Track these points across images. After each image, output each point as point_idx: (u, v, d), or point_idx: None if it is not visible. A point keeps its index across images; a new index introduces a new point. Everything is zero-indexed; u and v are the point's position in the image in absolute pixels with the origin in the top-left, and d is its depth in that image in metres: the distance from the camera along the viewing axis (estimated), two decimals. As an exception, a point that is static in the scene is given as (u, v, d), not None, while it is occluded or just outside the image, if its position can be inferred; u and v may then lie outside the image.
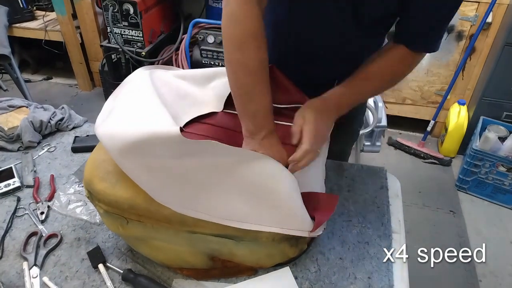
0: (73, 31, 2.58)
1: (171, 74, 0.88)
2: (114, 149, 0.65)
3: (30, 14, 2.61)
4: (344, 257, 0.82)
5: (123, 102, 0.75)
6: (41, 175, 1.02)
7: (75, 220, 0.89)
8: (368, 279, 0.78)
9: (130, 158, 0.65)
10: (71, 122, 1.20)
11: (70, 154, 1.10)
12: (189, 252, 0.76)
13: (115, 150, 0.65)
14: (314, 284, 0.77)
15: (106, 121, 0.71)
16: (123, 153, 0.64)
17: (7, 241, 0.85)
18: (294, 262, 0.80)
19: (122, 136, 0.64)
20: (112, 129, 0.67)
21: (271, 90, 0.75)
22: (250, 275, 0.78)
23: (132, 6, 2.22)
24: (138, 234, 0.74)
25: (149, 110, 0.71)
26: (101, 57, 2.57)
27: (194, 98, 0.88)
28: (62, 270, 0.79)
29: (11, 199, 0.95)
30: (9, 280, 0.77)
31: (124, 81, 0.83)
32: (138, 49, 2.36)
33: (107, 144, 0.66)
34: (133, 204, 0.68)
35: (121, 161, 0.66)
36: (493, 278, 1.66)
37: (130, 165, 0.66)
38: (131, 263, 0.81)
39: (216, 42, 2.41)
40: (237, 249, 0.74)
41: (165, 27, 2.56)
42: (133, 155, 0.64)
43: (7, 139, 1.10)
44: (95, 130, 0.71)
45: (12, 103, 1.19)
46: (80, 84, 2.89)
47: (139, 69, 0.86)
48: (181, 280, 0.77)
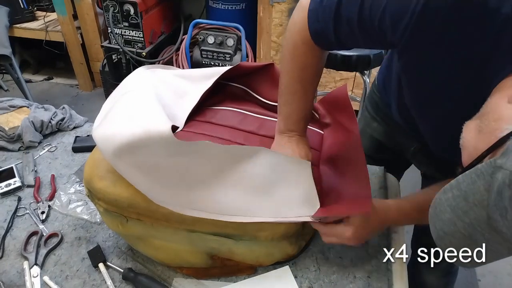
0: (73, 32, 2.59)
1: (170, 73, 0.88)
2: (108, 151, 0.65)
3: (30, 14, 2.62)
4: (344, 256, 0.82)
5: (120, 104, 0.75)
6: (42, 175, 1.02)
7: (76, 219, 0.89)
8: (367, 278, 0.78)
9: (124, 159, 0.64)
10: (72, 122, 1.20)
11: (70, 154, 1.10)
12: (188, 250, 0.76)
13: (109, 152, 0.65)
14: (314, 283, 0.77)
15: (102, 124, 0.71)
16: (117, 155, 0.64)
17: (8, 240, 0.85)
18: (294, 261, 0.80)
19: (115, 138, 0.63)
20: (106, 131, 0.67)
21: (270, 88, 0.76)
22: (250, 274, 0.78)
23: (133, 6, 2.22)
24: (138, 233, 0.74)
25: (144, 111, 0.71)
26: (101, 58, 2.58)
27: (193, 97, 0.88)
28: (62, 270, 0.79)
29: (12, 198, 0.95)
30: (10, 280, 0.77)
31: (124, 81, 0.83)
32: (139, 50, 2.37)
33: (102, 147, 0.67)
34: (133, 203, 0.69)
35: (116, 163, 0.66)
36: (493, 278, 1.66)
37: (125, 166, 0.66)
38: (132, 262, 0.81)
39: (216, 42, 2.41)
40: (237, 248, 0.74)
41: (166, 27, 2.57)
42: (126, 156, 0.64)
43: (8, 139, 1.10)
44: (92, 132, 0.71)
45: (13, 103, 1.19)
46: (81, 84, 2.90)
47: (139, 68, 0.87)
48: (181, 279, 0.77)
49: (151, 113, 0.68)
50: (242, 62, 0.84)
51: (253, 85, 0.92)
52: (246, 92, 0.92)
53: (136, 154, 0.63)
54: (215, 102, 0.91)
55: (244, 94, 0.93)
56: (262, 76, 0.89)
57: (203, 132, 0.80)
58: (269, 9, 2.26)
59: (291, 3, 2.23)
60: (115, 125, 0.67)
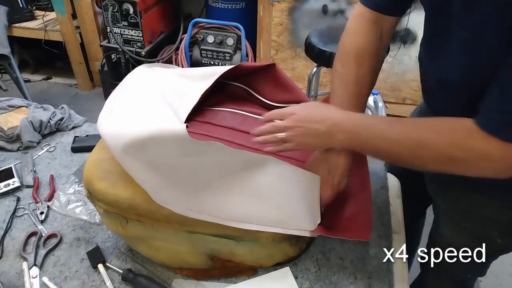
0: (72, 31, 2.58)
1: (170, 72, 0.88)
2: (117, 147, 0.65)
3: (29, 14, 2.61)
4: (344, 257, 0.82)
5: (125, 100, 0.75)
6: (41, 175, 1.02)
7: (75, 220, 0.89)
8: (368, 279, 0.77)
9: (133, 156, 0.64)
10: (71, 122, 1.19)
11: (69, 154, 1.09)
12: (189, 252, 0.75)
13: (118, 148, 0.65)
14: (314, 284, 0.77)
15: (109, 119, 0.71)
16: (126, 151, 0.64)
17: (7, 241, 0.85)
18: (294, 262, 0.80)
19: (125, 134, 0.64)
20: (114, 127, 0.67)
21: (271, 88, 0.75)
22: (250, 275, 0.78)
23: (132, 6, 2.22)
24: (138, 234, 0.74)
25: (153, 108, 0.71)
26: (100, 57, 2.57)
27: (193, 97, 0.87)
28: (61, 270, 0.79)
29: (10, 199, 0.95)
30: (9, 280, 0.77)
31: (125, 79, 0.82)
32: (138, 49, 2.36)
33: (110, 143, 0.66)
34: (133, 204, 0.68)
35: (124, 159, 0.66)
36: (493, 278, 1.65)
37: (133, 163, 0.65)
38: (131, 263, 0.80)
39: (216, 42, 2.41)
40: (237, 249, 0.74)
41: (165, 27, 2.56)
42: (136, 153, 0.64)
43: (7, 139, 1.09)
44: (97, 127, 0.71)
45: (11, 103, 1.19)
46: (80, 84, 2.89)
47: (140, 66, 0.86)
48: (181, 280, 0.77)
49: (162, 112, 0.68)
50: (243, 62, 0.84)
51: (254, 85, 0.91)
52: (247, 92, 0.92)
53: (146, 152, 0.63)
54: (215, 102, 0.90)
55: (245, 94, 0.92)
56: (264, 76, 0.89)
57: (203, 132, 0.79)
58: (269, 8, 2.26)
59: (291, 2, 2.23)
60: (125, 122, 0.67)
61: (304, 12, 2.25)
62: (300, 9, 2.25)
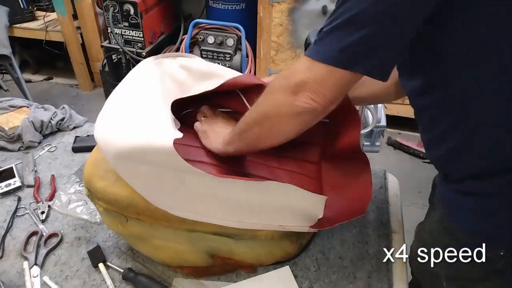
0: (73, 32, 2.59)
1: (176, 64, 0.86)
2: (108, 153, 0.65)
3: (30, 14, 2.61)
4: (344, 256, 0.82)
5: (123, 101, 0.74)
6: (42, 175, 1.02)
7: (76, 219, 0.89)
8: (367, 278, 0.78)
9: (124, 164, 0.65)
10: (72, 122, 1.20)
11: (70, 154, 1.10)
12: (188, 250, 0.76)
13: (109, 154, 0.65)
14: (314, 283, 0.77)
15: (104, 123, 0.70)
16: (117, 158, 0.64)
17: (8, 240, 0.85)
18: (294, 261, 0.80)
19: (117, 142, 0.64)
20: (108, 132, 0.67)
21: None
22: (250, 272, 0.78)
23: (133, 6, 2.22)
24: (138, 232, 0.74)
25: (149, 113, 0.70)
26: (101, 58, 2.57)
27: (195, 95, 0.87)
28: (62, 270, 0.79)
29: (11, 198, 0.95)
30: (10, 280, 0.77)
31: (130, 74, 0.81)
32: (139, 50, 2.37)
33: (103, 148, 0.67)
34: (132, 202, 0.69)
35: (115, 165, 0.66)
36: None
37: (124, 170, 0.66)
38: (131, 262, 0.81)
39: (216, 42, 2.41)
40: (237, 247, 0.74)
41: (166, 27, 2.57)
42: (127, 161, 0.64)
43: (8, 139, 1.10)
44: (94, 130, 0.71)
45: (12, 103, 1.19)
46: (81, 84, 2.90)
47: (146, 60, 0.84)
48: (181, 279, 0.77)
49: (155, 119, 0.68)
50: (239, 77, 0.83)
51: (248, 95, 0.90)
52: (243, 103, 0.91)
53: (136, 161, 0.63)
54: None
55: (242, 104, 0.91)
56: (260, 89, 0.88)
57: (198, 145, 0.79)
58: (269, 9, 2.26)
59: (291, 3, 2.23)
60: (118, 128, 0.67)
61: (304, 12, 2.25)
62: (300, 10, 2.25)
